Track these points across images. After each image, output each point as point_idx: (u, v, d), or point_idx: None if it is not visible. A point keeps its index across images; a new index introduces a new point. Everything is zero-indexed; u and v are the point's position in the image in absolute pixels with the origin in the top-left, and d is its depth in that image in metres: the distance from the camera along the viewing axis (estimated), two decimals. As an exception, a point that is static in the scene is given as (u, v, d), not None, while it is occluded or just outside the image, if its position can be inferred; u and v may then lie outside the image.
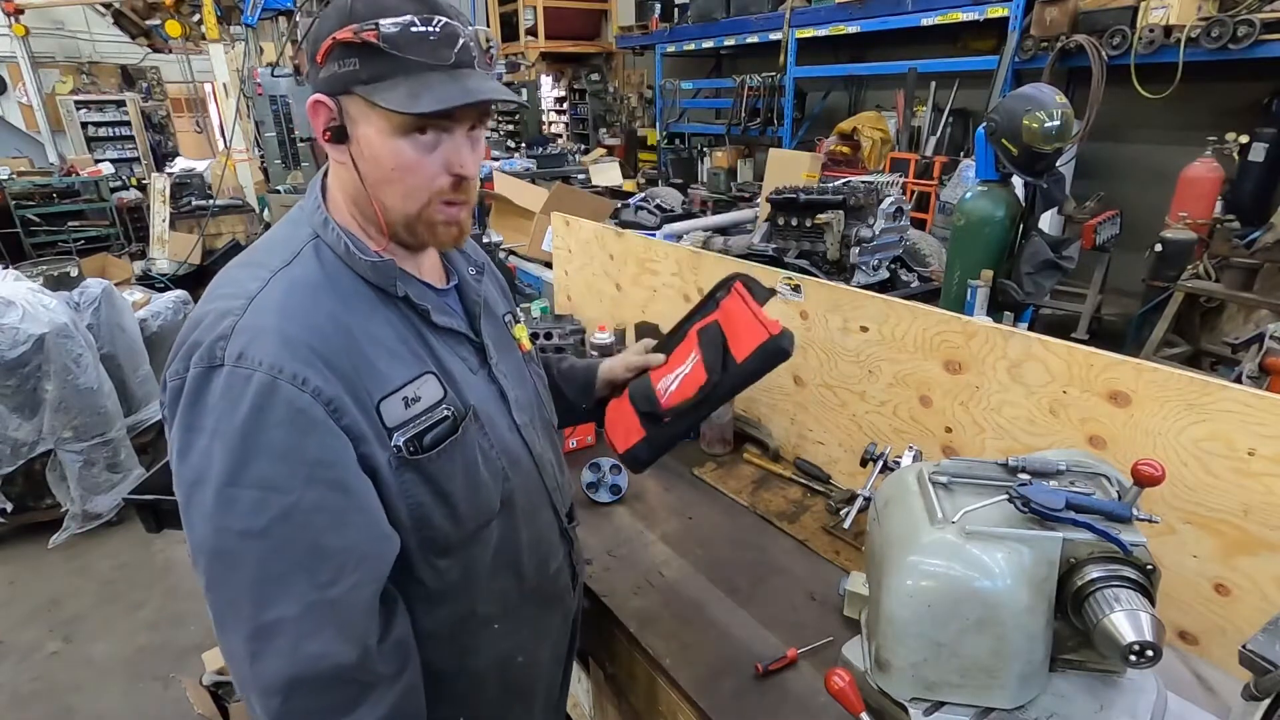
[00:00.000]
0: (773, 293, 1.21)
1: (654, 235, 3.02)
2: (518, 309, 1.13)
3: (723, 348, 1.13)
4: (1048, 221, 3.62)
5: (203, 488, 0.72)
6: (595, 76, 11.27)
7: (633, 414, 1.20)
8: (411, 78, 0.75)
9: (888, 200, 2.82)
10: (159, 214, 6.04)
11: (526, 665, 1.02)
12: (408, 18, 0.74)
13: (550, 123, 12.23)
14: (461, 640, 0.92)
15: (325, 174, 0.88)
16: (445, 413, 0.84)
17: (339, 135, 0.79)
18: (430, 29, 0.75)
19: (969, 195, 2.58)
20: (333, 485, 0.75)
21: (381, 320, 0.82)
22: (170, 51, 8.86)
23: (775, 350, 1.08)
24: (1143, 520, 0.73)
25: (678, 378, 1.17)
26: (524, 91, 10.85)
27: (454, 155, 0.81)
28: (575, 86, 11.74)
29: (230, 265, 0.84)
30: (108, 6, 7.88)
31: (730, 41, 7.60)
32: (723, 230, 3.87)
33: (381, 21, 0.73)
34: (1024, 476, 0.79)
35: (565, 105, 12.14)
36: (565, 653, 1.15)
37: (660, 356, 1.22)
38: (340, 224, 0.84)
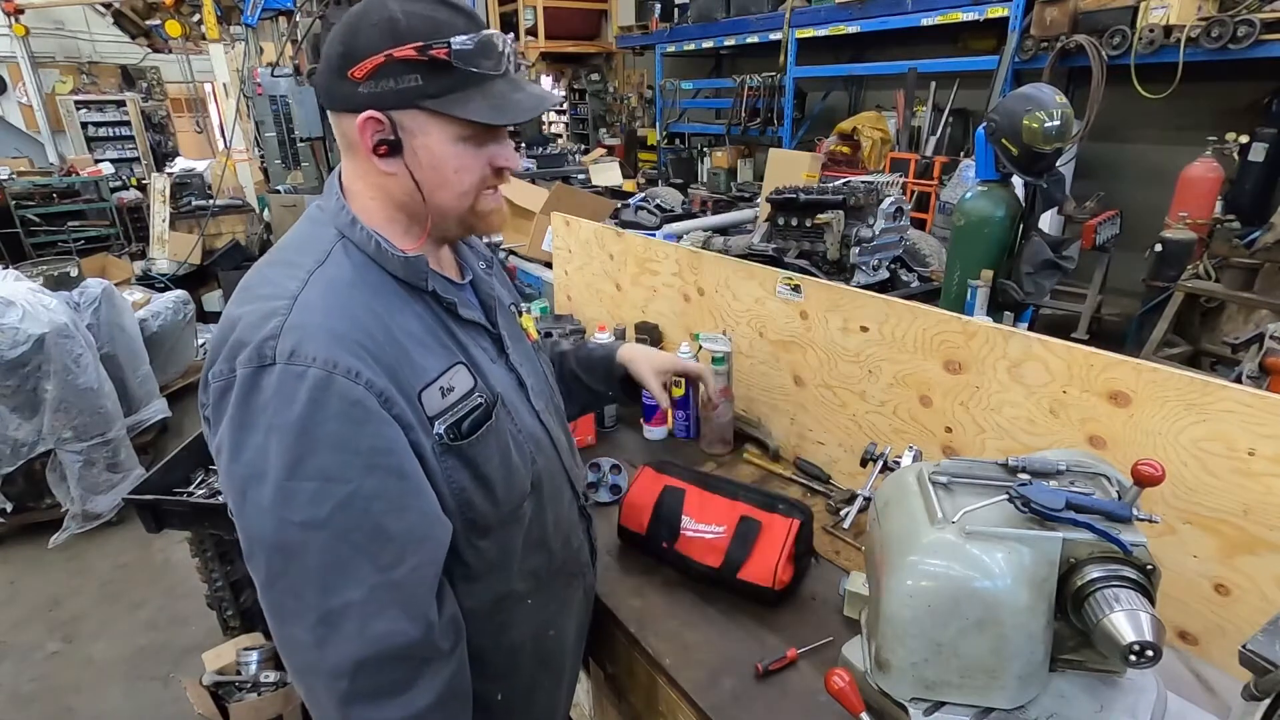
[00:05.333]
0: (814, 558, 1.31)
1: (654, 235, 3.01)
2: (520, 302, 1.15)
3: (747, 550, 1.21)
4: (1048, 221, 3.61)
5: (260, 483, 0.74)
6: (595, 76, 11.25)
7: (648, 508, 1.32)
8: (481, 89, 0.80)
9: (888, 200, 2.82)
10: (159, 214, 6.03)
11: (556, 638, 1.08)
12: (469, 35, 0.78)
13: (550, 123, 12.20)
14: (499, 616, 0.96)
15: (339, 175, 0.89)
16: (479, 400, 0.87)
17: (394, 148, 0.81)
18: (485, 43, 0.79)
19: (969, 195, 2.57)
20: (390, 471, 0.77)
21: (411, 315, 0.85)
22: (170, 51, 8.87)
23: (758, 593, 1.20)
24: (1143, 520, 0.73)
25: (702, 532, 1.27)
26: (524, 91, 10.86)
27: (500, 152, 0.87)
28: (575, 86, 11.73)
29: (260, 265, 0.86)
30: (108, 6, 7.86)
31: (730, 41, 7.59)
32: (723, 230, 3.86)
33: (454, 40, 0.77)
34: (1024, 476, 0.79)
35: (565, 105, 12.13)
36: (586, 626, 1.21)
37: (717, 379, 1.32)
38: (369, 225, 0.85)
